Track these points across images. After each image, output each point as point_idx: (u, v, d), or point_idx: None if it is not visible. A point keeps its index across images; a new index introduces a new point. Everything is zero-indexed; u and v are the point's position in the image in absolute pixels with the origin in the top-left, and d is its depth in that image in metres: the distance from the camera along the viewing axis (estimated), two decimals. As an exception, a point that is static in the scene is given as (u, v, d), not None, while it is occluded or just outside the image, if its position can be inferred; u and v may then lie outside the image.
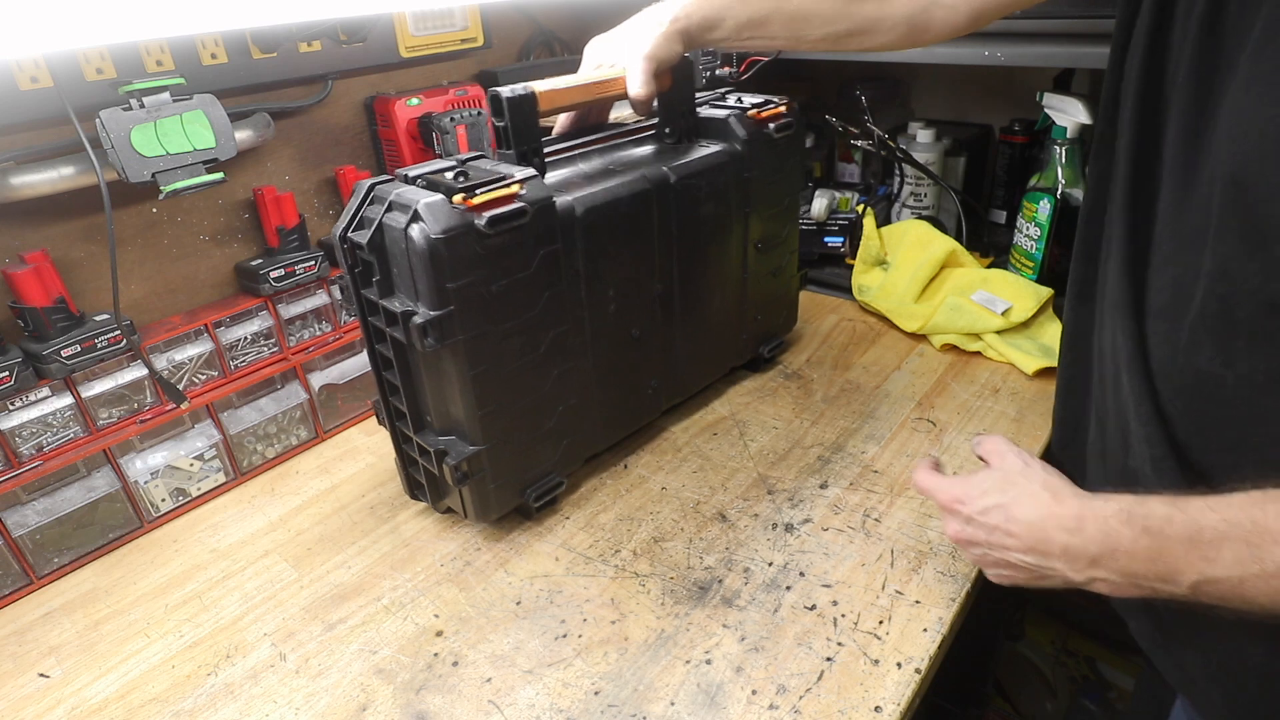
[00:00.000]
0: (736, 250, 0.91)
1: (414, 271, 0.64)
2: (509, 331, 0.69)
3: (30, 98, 0.74)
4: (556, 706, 0.59)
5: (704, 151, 0.84)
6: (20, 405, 0.74)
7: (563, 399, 0.77)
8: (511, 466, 0.75)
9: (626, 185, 0.76)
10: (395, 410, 0.75)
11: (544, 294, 0.71)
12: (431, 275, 0.62)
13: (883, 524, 0.74)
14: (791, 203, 0.98)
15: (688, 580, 0.70)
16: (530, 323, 0.71)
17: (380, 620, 0.68)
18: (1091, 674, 1.38)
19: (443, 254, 0.62)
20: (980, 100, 1.40)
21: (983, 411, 0.90)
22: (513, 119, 0.70)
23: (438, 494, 0.78)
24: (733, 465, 0.85)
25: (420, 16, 1.04)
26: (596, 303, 0.77)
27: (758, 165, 0.88)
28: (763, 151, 0.88)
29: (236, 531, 0.82)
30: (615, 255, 0.77)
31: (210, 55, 0.85)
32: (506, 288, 0.67)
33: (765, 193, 0.91)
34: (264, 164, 0.96)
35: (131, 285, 0.87)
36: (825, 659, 0.61)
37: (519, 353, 0.71)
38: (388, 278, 0.67)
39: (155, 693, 0.64)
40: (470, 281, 0.64)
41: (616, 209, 0.75)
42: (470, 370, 0.67)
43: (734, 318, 0.95)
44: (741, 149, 0.86)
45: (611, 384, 0.82)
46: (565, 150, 0.80)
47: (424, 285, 0.63)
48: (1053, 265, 1.10)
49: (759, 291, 0.97)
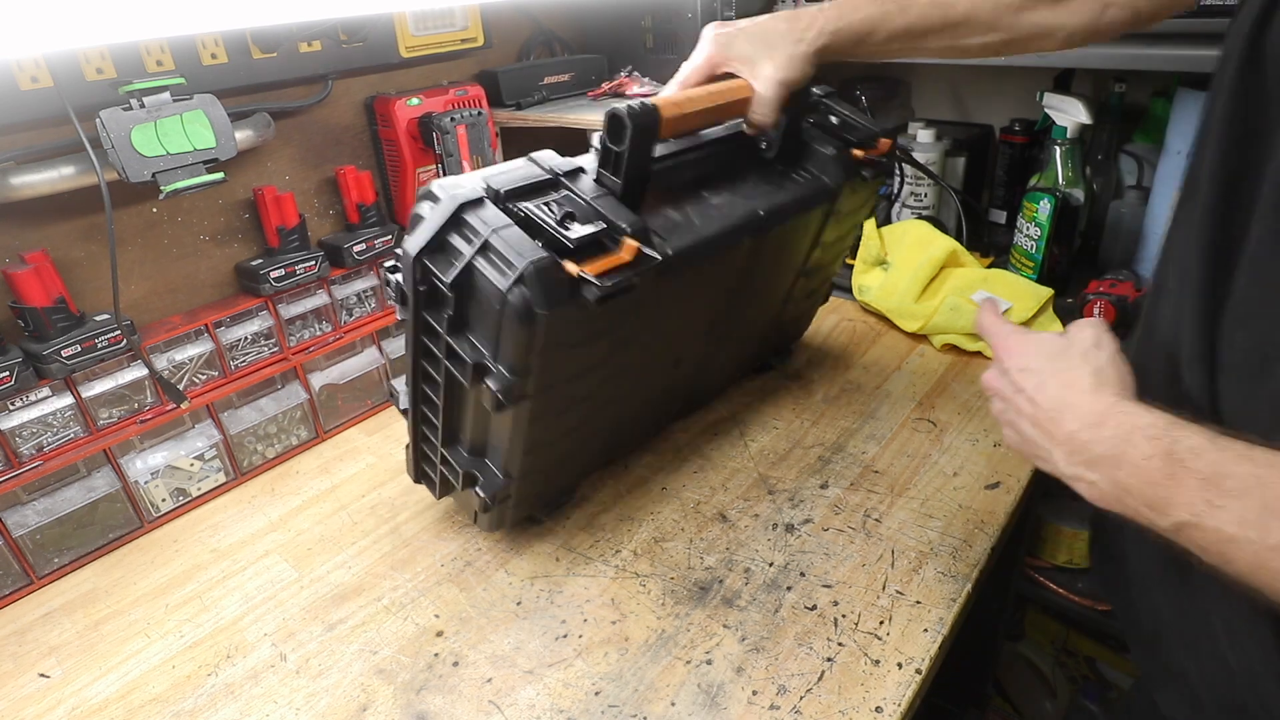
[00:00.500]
0: (790, 278, 0.88)
1: (501, 332, 0.56)
2: (574, 381, 0.65)
3: (30, 98, 0.74)
4: (557, 707, 0.59)
5: (800, 190, 0.77)
6: (20, 405, 0.74)
7: (599, 424, 0.75)
8: (534, 489, 0.74)
9: (719, 226, 0.68)
10: (425, 417, 0.71)
11: (617, 344, 0.66)
12: (522, 345, 0.56)
13: (883, 524, 0.74)
14: (853, 234, 0.94)
15: (688, 580, 0.70)
16: (596, 370, 0.66)
17: (380, 620, 0.68)
18: (1091, 674, 1.38)
19: (541, 327, 0.55)
20: (980, 100, 1.40)
21: (983, 412, 0.90)
22: (633, 146, 0.60)
23: (445, 490, 0.78)
24: (733, 465, 0.84)
25: (420, 16, 1.04)
26: (656, 339, 0.73)
27: (844, 204, 0.82)
28: (852, 190, 0.82)
29: (236, 531, 0.82)
30: (688, 298, 0.72)
31: (210, 55, 0.85)
32: (588, 348, 0.63)
33: (837, 229, 0.87)
34: (264, 164, 0.96)
35: (132, 285, 0.87)
36: (826, 659, 0.61)
37: (576, 396, 0.67)
38: (462, 317, 0.59)
39: (155, 693, 0.64)
40: (557, 348, 0.59)
41: (705, 253, 0.68)
42: (529, 422, 0.63)
43: (764, 334, 0.95)
44: (835, 188, 0.79)
45: (644, 402, 0.81)
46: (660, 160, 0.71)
47: (509, 349, 0.57)
48: (1053, 265, 1.10)
49: (793, 310, 0.96)
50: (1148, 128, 1.19)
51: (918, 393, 0.95)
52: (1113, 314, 1.00)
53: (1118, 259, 1.17)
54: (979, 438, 0.86)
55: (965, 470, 0.81)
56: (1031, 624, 1.42)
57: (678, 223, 0.67)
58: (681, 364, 0.81)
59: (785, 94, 0.69)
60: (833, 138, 0.80)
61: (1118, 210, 1.16)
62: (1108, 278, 1.05)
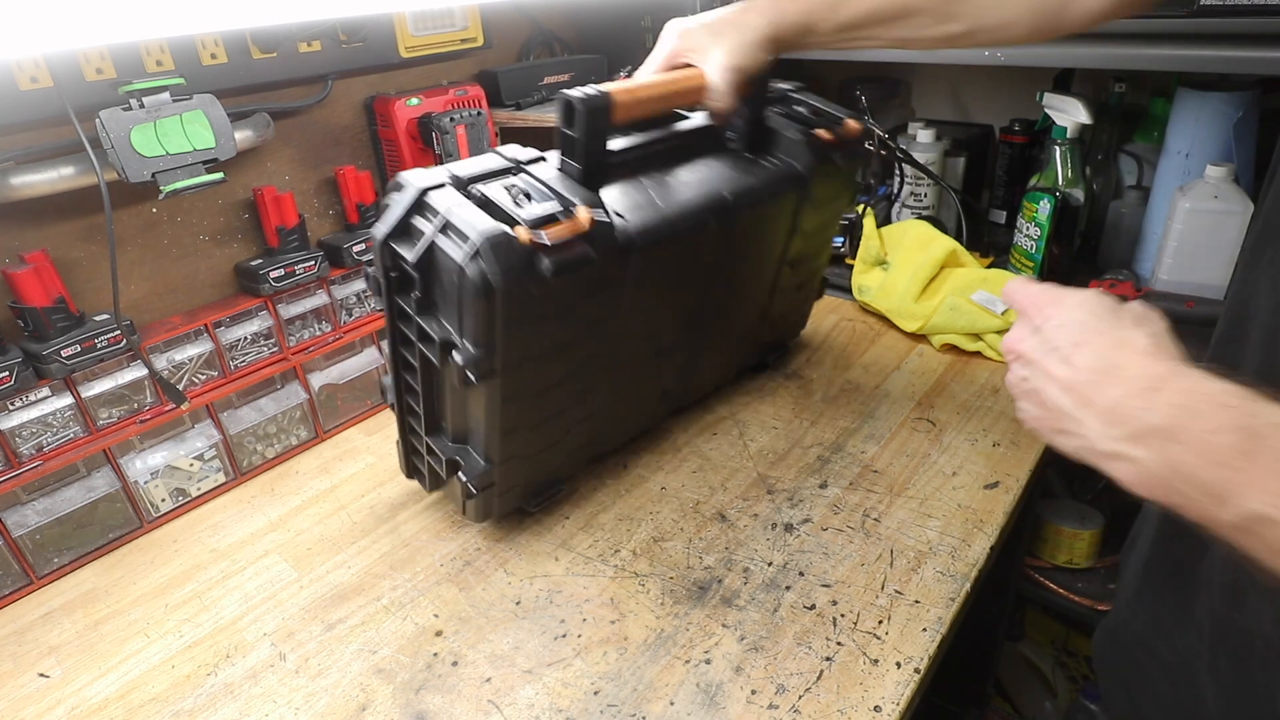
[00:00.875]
0: (771, 268, 0.88)
1: (462, 306, 0.59)
2: (544, 360, 0.66)
3: (30, 98, 0.74)
4: (556, 706, 0.59)
5: (768, 175, 0.79)
6: (20, 405, 0.74)
7: (580, 413, 0.75)
8: (519, 477, 0.74)
9: (686, 213, 0.70)
10: (409, 407, 0.73)
11: (586, 325, 0.67)
12: (484, 318, 0.58)
13: (882, 524, 0.74)
14: (834, 223, 0.95)
15: (687, 580, 0.70)
16: (566, 351, 0.68)
17: (380, 620, 0.68)
18: (1091, 674, 1.37)
19: (499, 299, 0.57)
20: (980, 100, 1.40)
21: (983, 411, 0.90)
22: (586, 130, 0.63)
23: (436, 484, 0.78)
24: (732, 465, 0.85)
25: (420, 16, 1.04)
26: (632, 325, 0.73)
27: (818, 190, 0.83)
28: (825, 176, 0.82)
29: (236, 531, 0.82)
30: (660, 281, 0.73)
31: (210, 55, 0.85)
32: (554, 324, 0.64)
33: (816, 216, 0.87)
34: (264, 164, 0.96)
35: (131, 285, 0.87)
36: (824, 659, 0.61)
37: (548, 377, 0.68)
38: (429, 297, 0.62)
39: (155, 693, 0.64)
40: (519, 321, 0.60)
41: (674, 238, 0.69)
42: (501, 400, 0.64)
43: (753, 328, 0.94)
44: (805, 173, 0.80)
45: (627, 393, 0.81)
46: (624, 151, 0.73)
47: (471, 323, 0.59)
48: (1053, 265, 1.10)
49: (782, 304, 0.96)
50: (1148, 128, 1.19)
51: (917, 392, 0.95)
52: (1112, 314, 1.00)
53: (1118, 259, 1.17)
54: (978, 437, 0.86)
55: (964, 470, 0.81)
56: (1031, 624, 1.42)
57: (640, 204, 0.69)
58: (664, 356, 0.82)
59: (737, 79, 0.69)
60: (797, 123, 0.81)
61: (1118, 210, 1.16)
62: (1108, 278, 1.05)
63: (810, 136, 0.80)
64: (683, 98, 0.70)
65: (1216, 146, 1.01)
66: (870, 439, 0.87)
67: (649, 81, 0.68)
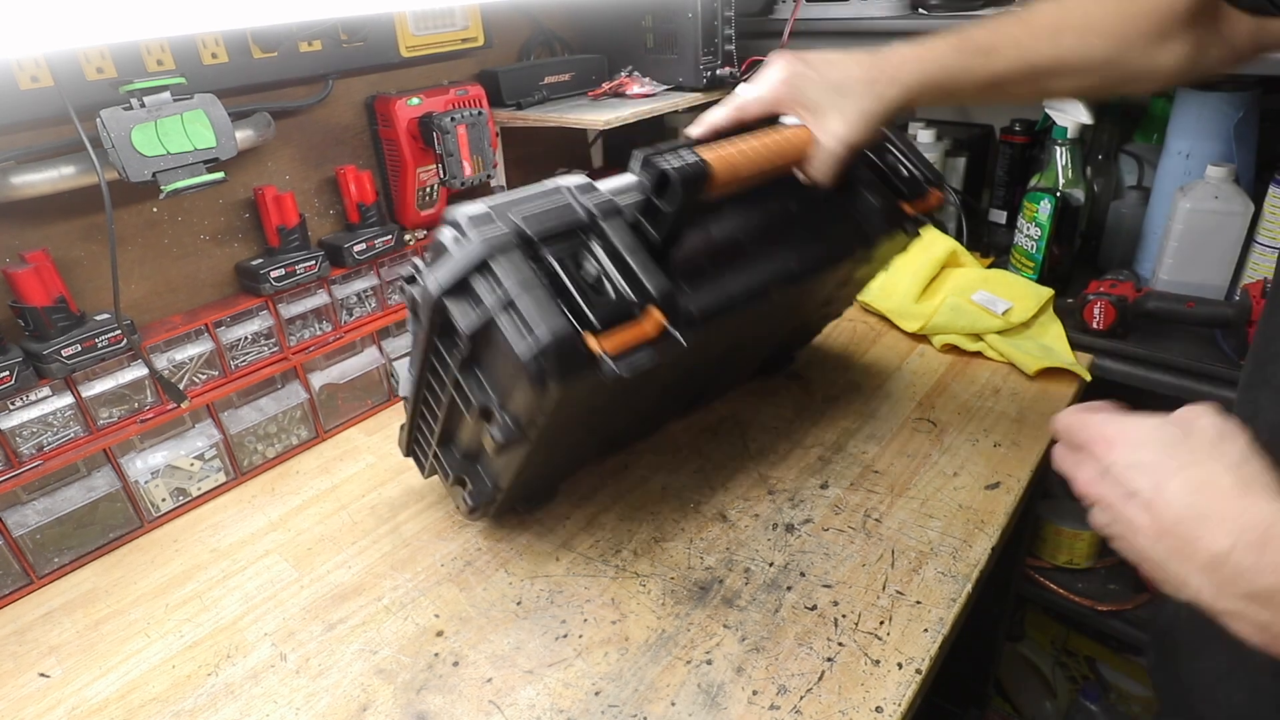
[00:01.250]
0: (811, 309, 0.87)
1: (514, 387, 0.56)
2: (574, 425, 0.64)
3: (30, 97, 0.74)
4: (557, 707, 0.59)
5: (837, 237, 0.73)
6: (20, 405, 0.74)
7: (594, 439, 0.74)
8: (519, 492, 0.74)
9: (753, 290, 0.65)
10: (424, 415, 0.71)
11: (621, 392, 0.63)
12: (531, 406, 0.56)
13: (883, 524, 0.74)
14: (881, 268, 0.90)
15: (688, 580, 0.70)
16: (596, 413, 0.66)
17: (381, 620, 0.68)
18: (1091, 674, 1.38)
19: (556, 395, 0.54)
20: (981, 100, 1.40)
21: (983, 411, 0.90)
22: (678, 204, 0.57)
23: (433, 472, 0.78)
24: (733, 465, 0.84)
25: (420, 16, 1.04)
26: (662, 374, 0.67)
27: (880, 251, 0.79)
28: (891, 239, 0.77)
29: (237, 531, 0.82)
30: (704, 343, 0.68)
31: (211, 55, 0.85)
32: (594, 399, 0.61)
33: (868, 269, 0.85)
34: (264, 164, 0.96)
35: (132, 285, 0.87)
36: (826, 659, 0.61)
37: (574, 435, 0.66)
38: (474, 359, 0.59)
39: (155, 693, 0.64)
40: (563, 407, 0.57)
41: (733, 312, 0.64)
42: (524, 457, 0.63)
43: (771, 346, 0.94)
44: (874, 237, 0.75)
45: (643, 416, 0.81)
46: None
47: (517, 405, 0.57)
48: (1053, 265, 1.10)
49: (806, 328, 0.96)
50: (1148, 128, 1.19)
51: (918, 393, 0.95)
52: (1113, 314, 1.00)
53: (1118, 259, 1.17)
54: (979, 438, 0.86)
55: (965, 470, 0.81)
56: (1031, 624, 1.42)
57: (705, 270, 0.64)
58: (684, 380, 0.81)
59: (849, 158, 0.63)
60: (883, 184, 0.75)
61: (1118, 210, 1.16)
62: (1108, 278, 1.05)
63: (891, 207, 0.75)
64: (784, 167, 0.63)
65: (1217, 147, 1.01)
66: (871, 439, 0.87)
67: (752, 152, 0.61)
